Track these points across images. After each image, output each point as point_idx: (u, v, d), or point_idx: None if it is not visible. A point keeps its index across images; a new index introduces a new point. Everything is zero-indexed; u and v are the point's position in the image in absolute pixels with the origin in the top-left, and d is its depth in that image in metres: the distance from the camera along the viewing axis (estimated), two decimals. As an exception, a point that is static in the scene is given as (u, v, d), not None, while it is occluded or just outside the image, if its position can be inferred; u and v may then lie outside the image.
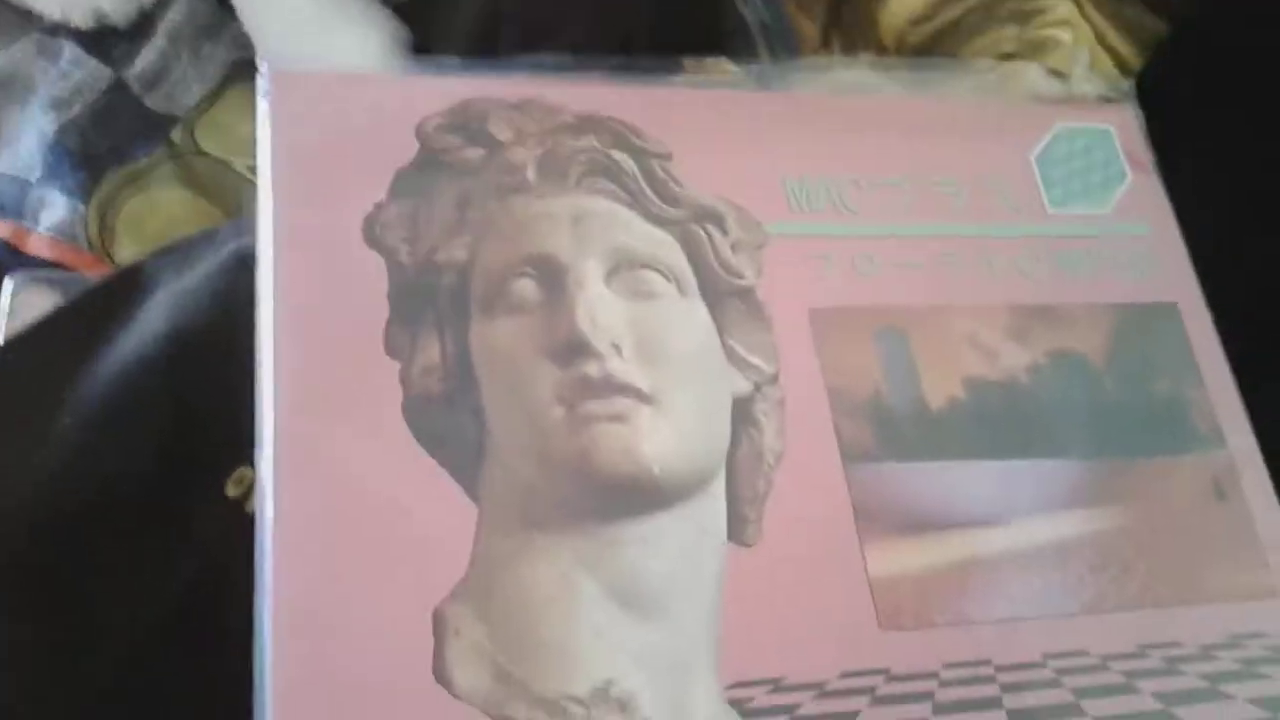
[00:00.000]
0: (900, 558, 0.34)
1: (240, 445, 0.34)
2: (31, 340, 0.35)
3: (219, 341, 0.35)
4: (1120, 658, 0.34)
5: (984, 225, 0.40)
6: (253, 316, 0.33)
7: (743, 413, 0.35)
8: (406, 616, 0.30)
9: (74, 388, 0.34)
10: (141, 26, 0.49)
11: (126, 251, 0.45)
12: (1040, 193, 0.42)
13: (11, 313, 0.39)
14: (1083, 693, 0.33)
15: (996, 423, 0.37)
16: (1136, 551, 0.36)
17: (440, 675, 0.30)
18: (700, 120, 0.40)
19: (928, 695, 0.33)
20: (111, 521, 0.34)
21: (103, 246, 0.45)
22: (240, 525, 0.34)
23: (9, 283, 0.40)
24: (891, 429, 0.36)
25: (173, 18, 0.50)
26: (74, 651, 0.33)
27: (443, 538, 0.31)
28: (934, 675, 0.33)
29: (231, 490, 0.35)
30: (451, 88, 0.37)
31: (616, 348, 0.34)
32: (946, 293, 0.39)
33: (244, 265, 0.36)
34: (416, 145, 0.36)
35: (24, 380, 0.34)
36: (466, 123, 0.37)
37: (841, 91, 0.44)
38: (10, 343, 0.35)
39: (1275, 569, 0.37)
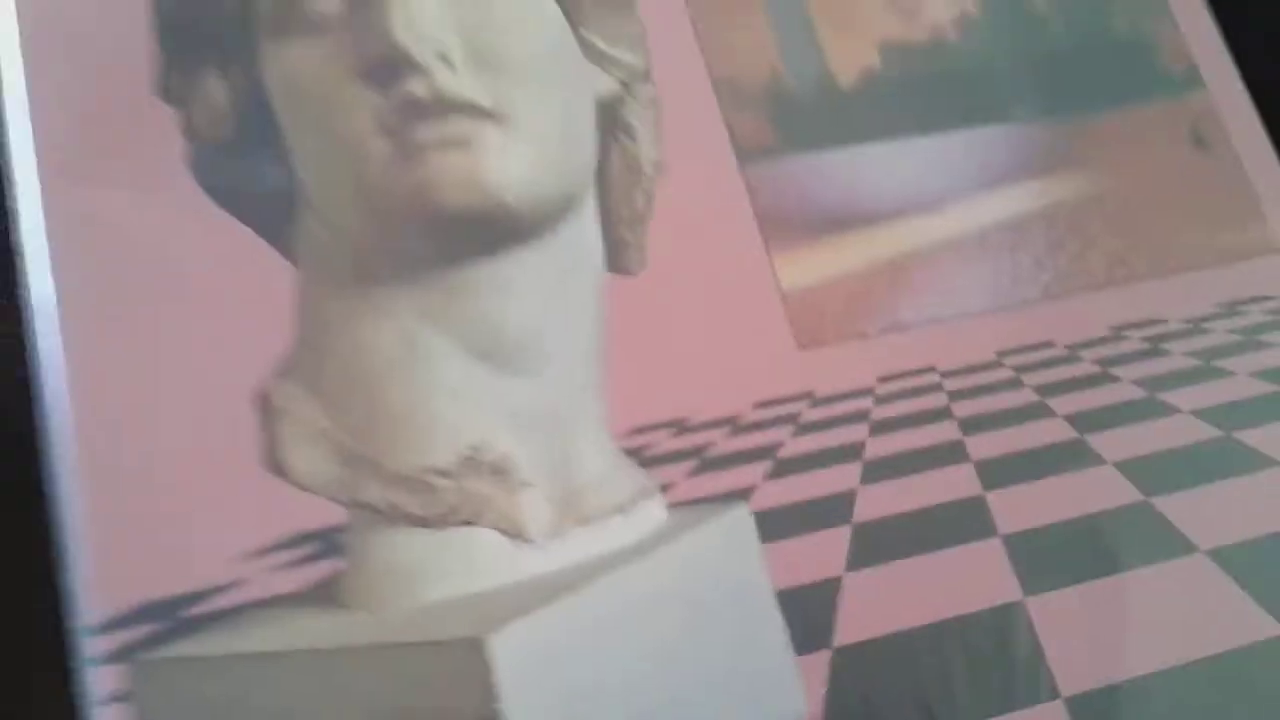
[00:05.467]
0: (817, 264, 0.29)
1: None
2: None
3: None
4: (1092, 344, 0.29)
5: None
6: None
7: (611, 118, 0.29)
8: (226, 404, 0.25)
9: None
10: None
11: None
12: None
13: None
14: (1050, 389, 0.29)
15: (923, 92, 0.31)
16: (1102, 221, 0.31)
17: (273, 463, 0.25)
18: None
19: (862, 415, 0.28)
20: None
21: None
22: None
23: None
24: (795, 117, 0.30)
25: None
26: None
27: (257, 308, 0.26)
28: (868, 392, 0.28)
29: None
30: None
31: (445, 58, 0.27)
32: (850, -56, 0.32)
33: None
34: None
35: None
36: None
37: None
38: None
39: (1273, 222, 0.32)
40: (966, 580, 0.27)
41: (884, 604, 0.26)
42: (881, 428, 0.28)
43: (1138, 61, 0.33)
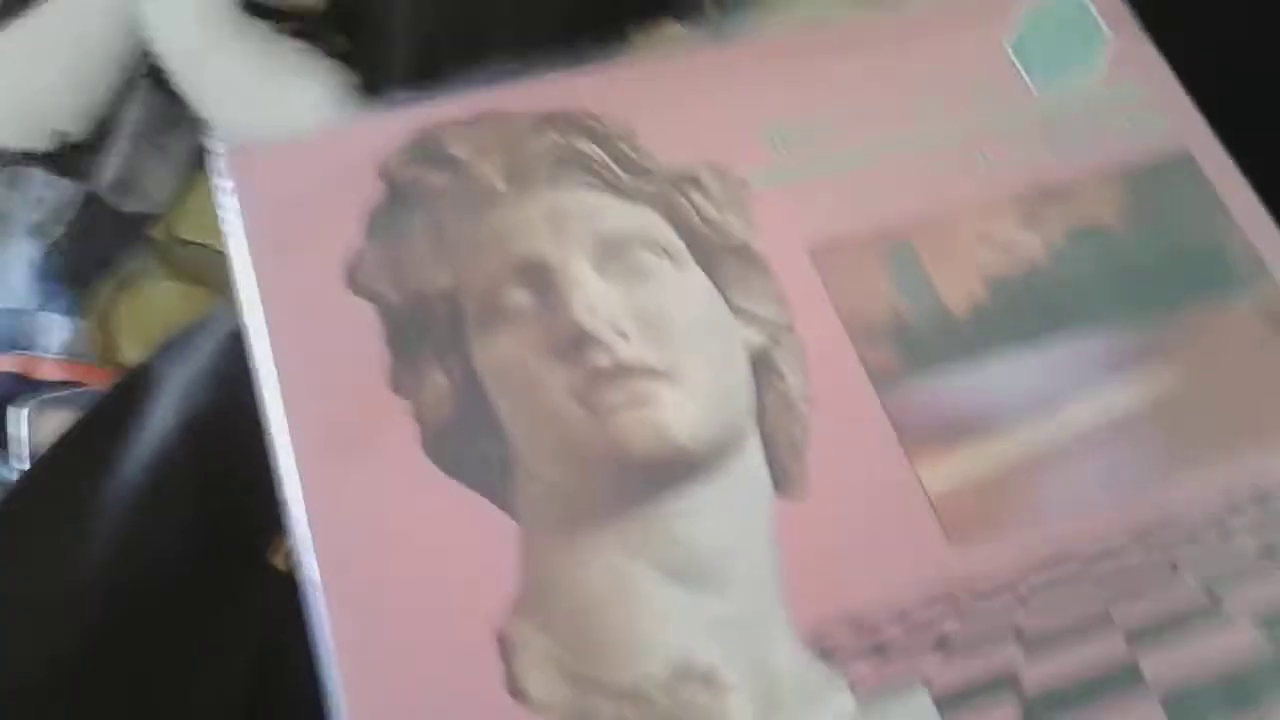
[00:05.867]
0: (955, 469, 0.33)
1: (279, 517, 0.35)
2: (50, 458, 0.36)
3: (232, 421, 0.35)
4: (1209, 520, 0.33)
5: (973, 122, 0.39)
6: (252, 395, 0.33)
7: (764, 365, 0.34)
8: (470, 644, 0.30)
9: (96, 496, 0.35)
10: (101, 135, 0.50)
11: (132, 355, 0.46)
12: (1023, 78, 0.40)
13: (32, 439, 0.39)
14: (1182, 563, 0.32)
15: (1024, 311, 0.36)
16: (1202, 405, 0.35)
17: (515, 692, 0.29)
18: (661, 89, 0.39)
19: (1017, 598, 0.31)
20: (160, 617, 0.34)
21: (110, 357, 0.46)
22: (295, 596, 0.34)
23: (19, 412, 0.41)
24: (917, 344, 0.35)
25: (131, 118, 0.50)
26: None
27: (490, 560, 0.31)
28: (1019, 580, 0.32)
29: (280, 563, 0.35)
30: (407, 122, 0.37)
31: (622, 333, 0.33)
32: (947, 199, 0.37)
33: (242, 341, 0.37)
34: (383, 185, 0.36)
35: (47, 497, 0.35)
36: (427, 150, 0.37)
37: (799, 25, 0.43)
38: (33, 464, 0.36)
39: (1351, 389, 0.35)
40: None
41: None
42: (1034, 611, 0.31)
43: (1210, 264, 0.37)
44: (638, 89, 0.39)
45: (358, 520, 0.31)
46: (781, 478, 0.33)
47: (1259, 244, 0.37)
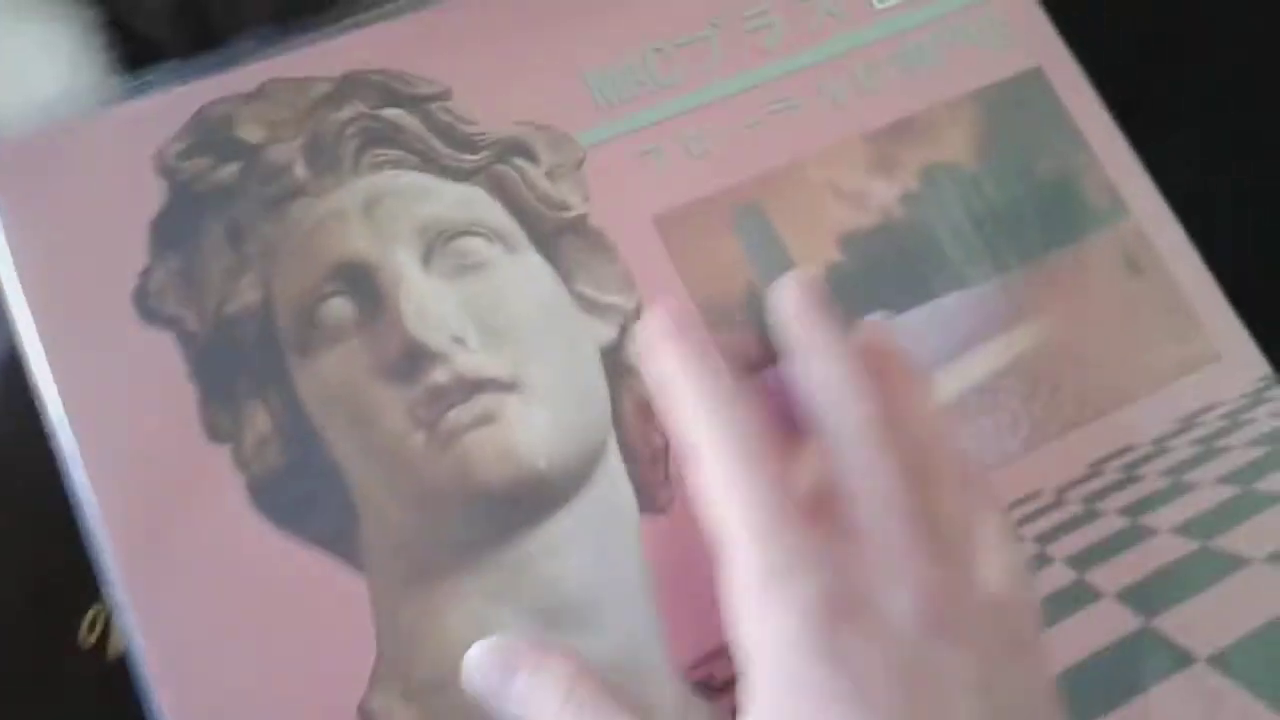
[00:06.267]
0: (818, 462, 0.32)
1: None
2: None
3: (23, 464, 0.31)
4: (1075, 485, 0.32)
5: (811, 51, 0.36)
6: (38, 428, 0.29)
7: (615, 363, 0.31)
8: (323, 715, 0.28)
9: None
10: None
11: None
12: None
13: None
14: (1045, 539, 0.32)
15: (882, 272, 0.34)
16: (1062, 362, 0.34)
17: (387, 780, 0.27)
18: (472, 38, 0.34)
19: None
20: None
21: None
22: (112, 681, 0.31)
23: None
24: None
25: None
26: None
27: (340, 625, 0.28)
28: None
29: (86, 636, 0.32)
30: (182, 99, 0.32)
31: (459, 340, 0.30)
32: (793, 145, 0.34)
33: (10, 371, 0.32)
34: (164, 183, 0.31)
35: None
36: (211, 135, 0.31)
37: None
38: None
39: (1211, 331, 0.35)
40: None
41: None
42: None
43: (1066, 199, 0.35)
44: (448, 39, 0.34)
45: (186, 599, 0.28)
46: (645, 494, 0.31)
47: (1115, 174, 0.36)
